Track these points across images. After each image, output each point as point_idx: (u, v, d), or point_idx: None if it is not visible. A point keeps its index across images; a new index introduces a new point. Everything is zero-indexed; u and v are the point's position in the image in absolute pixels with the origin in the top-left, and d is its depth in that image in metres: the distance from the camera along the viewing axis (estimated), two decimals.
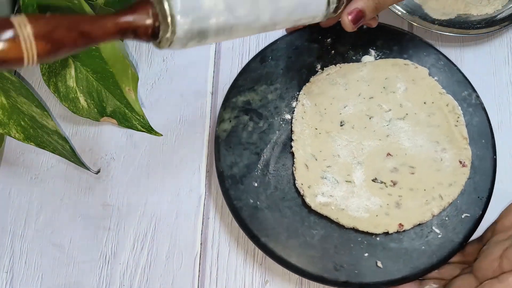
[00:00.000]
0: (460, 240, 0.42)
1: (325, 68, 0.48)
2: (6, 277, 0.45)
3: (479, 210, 0.43)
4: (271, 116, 0.46)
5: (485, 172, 0.45)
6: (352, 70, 0.48)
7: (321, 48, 0.49)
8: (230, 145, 0.45)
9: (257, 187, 0.44)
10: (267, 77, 0.47)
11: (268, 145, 0.45)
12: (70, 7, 0.44)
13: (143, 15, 0.32)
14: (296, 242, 0.42)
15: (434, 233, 0.43)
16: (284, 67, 0.48)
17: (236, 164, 0.44)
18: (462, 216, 0.43)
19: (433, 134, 0.46)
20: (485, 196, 0.44)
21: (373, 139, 0.46)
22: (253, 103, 0.46)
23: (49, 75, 0.49)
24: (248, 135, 0.45)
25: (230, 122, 0.46)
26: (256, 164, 0.45)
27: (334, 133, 0.46)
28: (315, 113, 0.46)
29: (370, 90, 0.47)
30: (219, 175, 0.44)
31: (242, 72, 0.47)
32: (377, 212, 0.43)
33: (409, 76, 0.48)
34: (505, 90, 0.51)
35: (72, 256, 0.46)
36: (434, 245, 0.42)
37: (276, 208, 0.43)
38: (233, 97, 0.46)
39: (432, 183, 0.44)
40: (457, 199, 0.44)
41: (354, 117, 0.47)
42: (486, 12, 0.52)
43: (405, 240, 0.42)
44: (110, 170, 0.48)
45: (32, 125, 0.46)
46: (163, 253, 0.46)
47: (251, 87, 0.47)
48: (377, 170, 0.45)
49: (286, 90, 0.47)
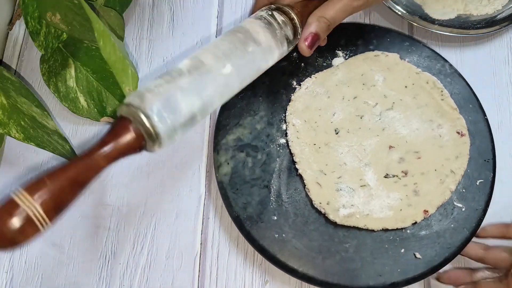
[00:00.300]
0: (482, 207, 0.43)
1: (301, 83, 0.48)
2: (6, 277, 0.45)
3: (490, 172, 0.45)
4: (266, 146, 0.46)
5: (482, 134, 0.46)
6: (327, 76, 0.48)
7: (290, 64, 0.49)
8: (236, 187, 0.44)
9: (277, 220, 0.43)
10: (248, 108, 0.47)
11: (274, 175, 0.45)
12: (70, 7, 0.44)
13: (127, 137, 0.33)
14: (333, 261, 0.42)
15: (457, 208, 0.43)
16: (262, 93, 0.47)
17: (249, 204, 0.43)
18: (477, 183, 0.44)
19: (424, 114, 0.46)
20: (490, 158, 0.45)
21: (371, 137, 0.46)
22: (244, 138, 0.46)
23: (49, 75, 0.49)
24: (250, 172, 0.45)
25: (228, 164, 0.45)
26: (268, 197, 0.44)
27: (332, 143, 0.46)
28: (308, 130, 0.46)
29: (351, 90, 0.48)
30: (235, 220, 0.43)
31: (222, 111, 0.46)
32: (400, 206, 0.43)
33: (383, 66, 0.48)
34: (505, 90, 0.51)
35: (72, 256, 0.46)
36: (461, 219, 0.43)
37: (302, 234, 0.43)
38: (222, 139, 0.45)
39: (440, 161, 0.45)
40: (467, 169, 0.45)
41: (346, 121, 0.47)
42: (486, 12, 0.52)
43: (434, 224, 0.43)
44: (110, 170, 0.48)
45: (32, 125, 0.46)
46: (163, 253, 0.46)
47: (237, 123, 0.46)
48: (386, 165, 0.45)
49: (272, 115, 0.47)
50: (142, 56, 0.53)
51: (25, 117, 0.46)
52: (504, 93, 0.51)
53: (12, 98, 0.46)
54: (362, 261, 0.42)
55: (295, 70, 0.49)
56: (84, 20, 0.44)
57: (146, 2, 0.55)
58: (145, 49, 0.53)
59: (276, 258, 0.42)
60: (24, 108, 0.46)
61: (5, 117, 0.45)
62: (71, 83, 0.48)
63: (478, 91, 0.48)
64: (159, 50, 0.53)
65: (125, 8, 0.51)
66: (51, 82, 0.49)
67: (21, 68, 0.53)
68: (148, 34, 0.54)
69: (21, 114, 0.46)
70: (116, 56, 0.43)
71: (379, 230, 0.43)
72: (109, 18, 0.49)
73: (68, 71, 0.48)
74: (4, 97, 0.45)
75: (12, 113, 0.46)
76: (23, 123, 0.46)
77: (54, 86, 0.48)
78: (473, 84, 0.48)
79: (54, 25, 0.46)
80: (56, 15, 0.45)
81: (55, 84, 0.48)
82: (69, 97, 0.48)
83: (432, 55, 0.49)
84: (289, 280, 0.44)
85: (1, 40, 0.54)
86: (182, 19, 0.54)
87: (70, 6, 0.44)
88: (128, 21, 0.54)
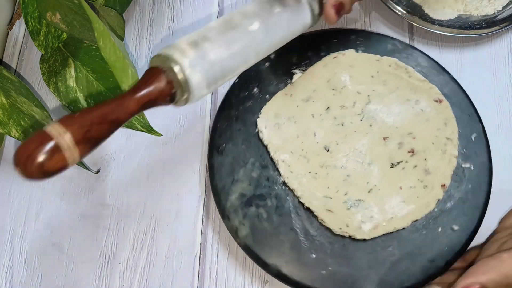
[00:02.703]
0: (487, 159, 0.45)
1: (261, 114, 0.47)
2: (5, 277, 0.45)
3: (478, 124, 0.46)
4: (270, 189, 0.44)
5: (457, 94, 0.47)
6: (289, 101, 0.47)
7: (255, 101, 0.47)
8: (263, 242, 0.42)
9: (316, 256, 0.42)
10: (237, 161, 0.45)
11: (292, 215, 0.43)
12: (70, 7, 0.44)
13: (159, 84, 0.34)
14: (386, 268, 0.41)
15: (466, 169, 0.44)
16: (240, 144, 0.46)
17: (283, 254, 0.42)
18: (472, 139, 0.45)
19: (400, 96, 0.47)
20: (472, 111, 0.46)
21: (362, 137, 0.46)
22: (247, 192, 0.44)
23: (49, 75, 0.49)
24: (269, 222, 0.43)
25: (244, 225, 0.42)
26: (298, 238, 0.42)
27: (328, 161, 0.45)
28: (298, 160, 0.45)
29: (321, 103, 0.47)
30: (279, 277, 0.41)
31: (212, 174, 0.44)
32: (416, 193, 0.43)
33: (345, 64, 0.48)
34: (505, 90, 0.51)
35: (71, 256, 0.46)
36: (474, 177, 0.44)
37: (345, 261, 0.42)
38: (226, 203, 0.43)
39: (433, 133, 0.45)
40: (459, 130, 0.45)
41: (330, 135, 0.46)
42: (486, 12, 0.52)
43: (454, 193, 0.44)
44: (110, 170, 0.48)
45: (32, 125, 0.46)
46: (162, 253, 0.46)
47: (232, 180, 0.44)
48: (388, 156, 0.45)
49: (261, 157, 0.45)
50: (142, 56, 0.53)
51: (25, 117, 0.46)
52: (504, 94, 0.51)
53: (12, 98, 0.46)
54: (411, 257, 0.41)
55: (256, 104, 0.47)
56: (84, 20, 0.44)
57: (146, 2, 0.55)
58: (145, 49, 0.53)
59: None
60: (24, 108, 0.46)
61: (5, 116, 0.45)
62: (71, 82, 0.48)
63: (478, 91, 0.48)
64: (159, 50, 0.53)
65: (125, 8, 0.51)
66: (51, 81, 0.49)
67: (21, 68, 0.53)
68: (148, 34, 0.54)
69: (21, 114, 0.46)
70: (116, 56, 0.43)
71: (411, 224, 0.42)
72: (109, 18, 0.49)
73: (68, 70, 0.48)
74: (4, 96, 0.45)
75: (12, 112, 0.46)
76: (23, 123, 0.46)
77: (54, 85, 0.48)
78: (473, 84, 0.48)
79: (54, 24, 0.46)
80: (56, 15, 0.45)
81: (55, 83, 0.48)
82: (69, 97, 0.48)
83: (379, 39, 0.49)
84: None
85: (1, 39, 0.54)
86: (182, 19, 0.54)
87: (70, 6, 0.44)
88: (128, 21, 0.54)
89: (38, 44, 0.49)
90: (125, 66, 0.46)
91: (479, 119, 0.46)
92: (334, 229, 0.43)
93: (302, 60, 0.49)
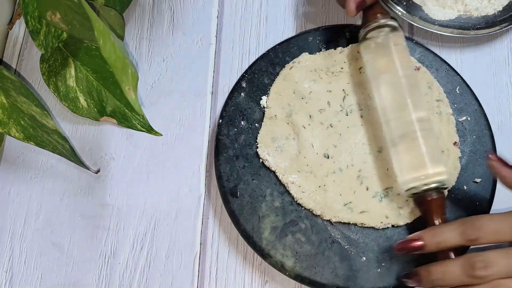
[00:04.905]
0: (477, 105, 0.47)
1: (259, 144, 0.46)
2: (5, 276, 0.45)
3: (458, 77, 0.48)
4: (299, 212, 0.43)
5: (427, 55, 0.49)
6: (278, 122, 0.46)
7: (246, 134, 0.46)
8: (312, 265, 0.42)
9: (366, 259, 0.42)
10: (255, 197, 0.44)
11: (329, 227, 0.43)
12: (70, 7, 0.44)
13: None
14: None
15: (464, 122, 0.46)
16: (251, 180, 0.44)
17: (335, 268, 0.42)
18: (457, 91, 0.47)
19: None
20: (447, 67, 0.48)
21: (359, 130, 0.45)
22: (277, 223, 0.43)
23: (49, 75, 0.49)
24: (310, 244, 0.42)
25: (288, 256, 0.42)
26: (343, 248, 0.42)
27: (331, 169, 0.44)
28: (306, 178, 0.44)
29: (302, 113, 0.46)
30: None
31: (236, 220, 0.43)
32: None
33: (302, 72, 0.47)
34: (505, 90, 0.51)
35: (71, 256, 0.46)
36: (474, 127, 0.46)
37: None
38: (260, 242, 0.42)
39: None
40: (442, 88, 0.47)
41: (325, 140, 0.45)
42: (486, 13, 0.52)
43: (464, 148, 0.45)
44: (110, 169, 0.48)
45: (32, 125, 0.46)
46: (162, 253, 0.46)
47: (257, 218, 0.43)
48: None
49: (275, 185, 0.44)
50: (142, 56, 0.53)
51: (25, 117, 0.46)
52: (504, 94, 0.51)
53: (12, 98, 0.46)
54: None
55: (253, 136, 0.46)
56: (84, 20, 0.44)
57: (146, 1, 0.55)
58: (145, 49, 0.53)
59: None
60: (24, 108, 0.46)
61: (5, 116, 0.45)
62: (71, 82, 0.48)
63: (478, 91, 0.48)
64: (159, 50, 0.53)
65: (125, 8, 0.51)
66: (51, 81, 0.49)
67: (21, 68, 0.53)
68: (148, 34, 0.54)
69: (21, 114, 0.46)
70: (116, 55, 0.42)
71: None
72: (109, 18, 0.49)
73: (68, 70, 0.48)
74: (4, 96, 0.45)
75: (12, 112, 0.46)
76: (23, 123, 0.46)
77: (54, 85, 0.48)
78: (473, 84, 0.48)
79: (54, 24, 0.46)
80: (56, 15, 0.45)
81: (55, 83, 0.48)
82: (69, 97, 0.48)
83: (338, 30, 0.50)
84: (288, 280, 0.44)
85: (1, 39, 0.54)
86: (182, 19, 0.54)
87: (70, 6, 0.44)
88: (128, 21, 0.54)
89: (38, 44, 0.49)
90: (125, 66, 0.46)
91: (455, 72, 0.48)
92: (375, 226, 0.43)
93: (273, 78, 0.48)
